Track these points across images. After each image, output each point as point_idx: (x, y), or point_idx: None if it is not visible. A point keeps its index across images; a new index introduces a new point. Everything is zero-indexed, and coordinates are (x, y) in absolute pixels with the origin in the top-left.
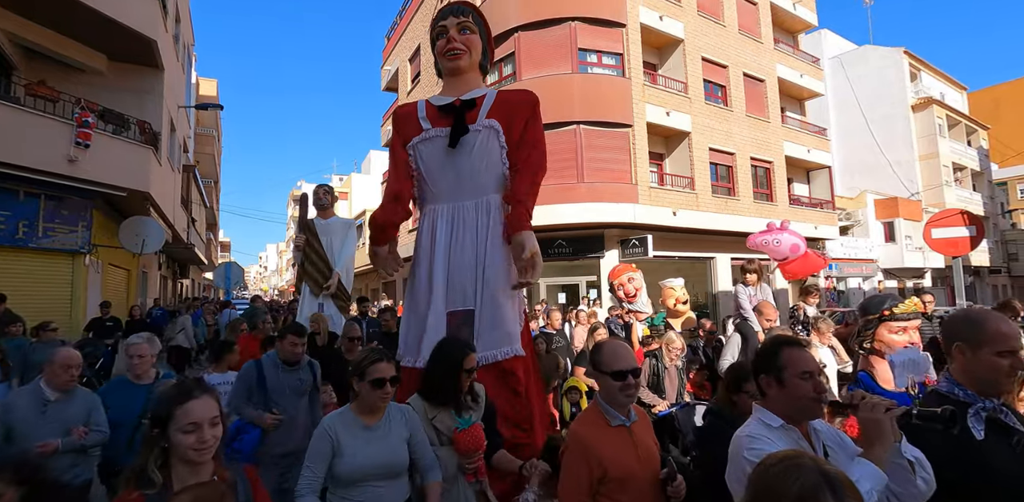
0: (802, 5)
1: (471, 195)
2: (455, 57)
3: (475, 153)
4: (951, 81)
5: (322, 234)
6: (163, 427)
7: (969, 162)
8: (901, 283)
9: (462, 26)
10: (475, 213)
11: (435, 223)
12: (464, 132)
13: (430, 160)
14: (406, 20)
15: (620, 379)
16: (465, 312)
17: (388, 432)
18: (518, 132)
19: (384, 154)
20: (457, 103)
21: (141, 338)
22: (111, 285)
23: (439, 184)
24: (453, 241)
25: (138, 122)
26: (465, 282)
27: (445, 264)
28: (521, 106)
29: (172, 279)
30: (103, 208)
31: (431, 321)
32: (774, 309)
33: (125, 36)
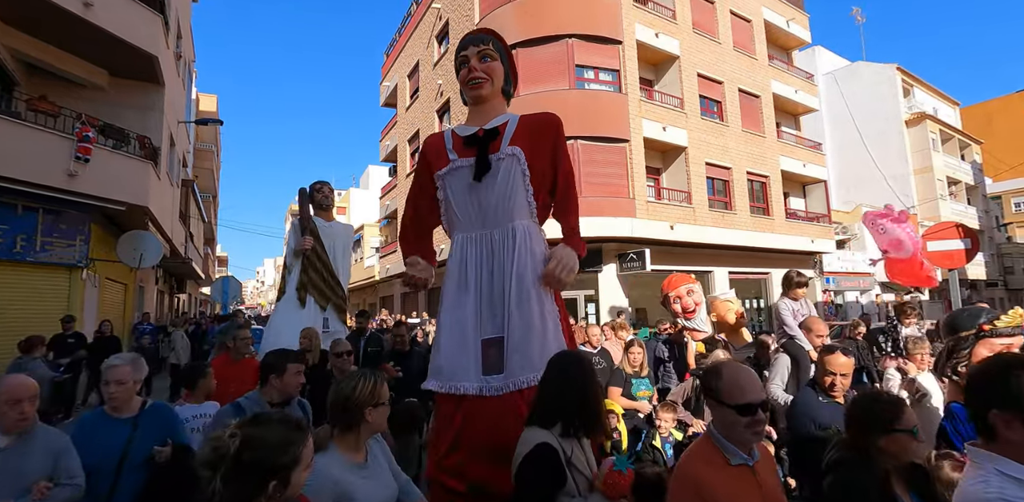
0: (795, 22)
1: (496, 223)
2: (477, 86)
3: (499, 182)
4: (943, 97)
5: (325, 237)
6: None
7: (963, 176)
8: (899, 296)
9: (483, 54)
10: (502, 241)
11: (464, 251)
12: (487, 168)
13: (456, 190)
14: (405, 36)
15: (747, 413)
16: (496, 339)
17: (377, 466)
18: (543, 157)
19: (382, 169)
20: (480, 133)
21: (122, 359)
22: (108, 300)
23: (465, 213)
24: (482, 269)
25: (138, 137)
26: (496, 309)
27: (476, 292)
28: (544, 130)
29: (169, 294)
30: (101, 222)
31: (464, 349)
32: (824, 325)
33: (127, 52)
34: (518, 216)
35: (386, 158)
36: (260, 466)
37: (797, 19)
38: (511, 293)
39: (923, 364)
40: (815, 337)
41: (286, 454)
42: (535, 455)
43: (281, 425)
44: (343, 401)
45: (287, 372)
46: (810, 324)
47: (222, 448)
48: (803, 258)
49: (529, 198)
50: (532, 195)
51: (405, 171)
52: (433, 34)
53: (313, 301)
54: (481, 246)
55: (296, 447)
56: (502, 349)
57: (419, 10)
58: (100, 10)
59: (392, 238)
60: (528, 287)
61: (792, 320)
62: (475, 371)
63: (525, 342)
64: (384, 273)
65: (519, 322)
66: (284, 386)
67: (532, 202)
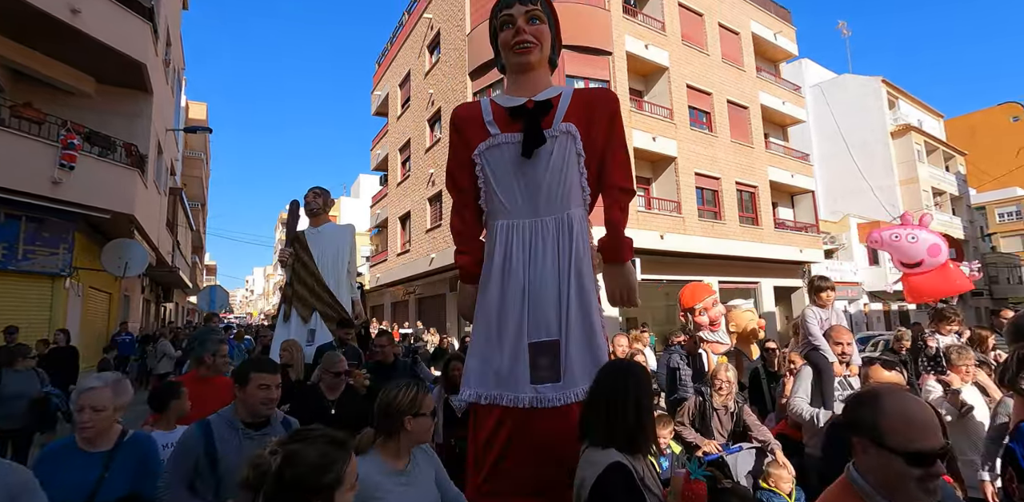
0: (783, 35)
1: (548, 210)
2: (525, 51)
3: (552, 163)
4: (928, 109)
5: (313, 246)
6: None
7: (948, 187)
8: (886, 306)
9: (531, 15)
10: (555, 232)
11: (508, 241)
12: (541, 141)
13: (499, 170)
14: (396, 46)
15: (921, 464)
16: (548, 343)
17: (419, 474)
18: (599, 138)
19: (373, 178)
20: (530, 104)
21: (102, 380)
22: (92, 309)
23: (510, 197)
24: (531, 263)
25: (125, 144)
26: (547, 310)
27: (522, 289)
28: (602, 107)
29: (155, 303)
30: (86, 230)
31: (508, 353)
32: (849, 333)
33: (115, 60)
34: (573, 203)
35: (377, 167)
36: (302, 485)
37: (784, 32)
38: (570, 291)
39: (967, 376)
40: (834, 345)
41: (329, 473)
42: (609, 478)
43: (324, 442)
44: (384, 407)
45: (250, 383)
46: (831, 332)
47: (263, 466)
48: (792, 268)
49: (583, 183)
50: (586, 180)
51: (396, 180)
52: (424, 44)
53: (295, 313)
54: (531, 236)
55: (339, 465)
56: (556, 354)
57: (410, 20)
58: (88, 17)
59: (382, 247)
60: (589, 286)
61: (817, 329)
62: (524, 379)
63: (588, 346)
64: (375, 282)
65: (579, 324)
66: (246, 398)
67: (586, 188)
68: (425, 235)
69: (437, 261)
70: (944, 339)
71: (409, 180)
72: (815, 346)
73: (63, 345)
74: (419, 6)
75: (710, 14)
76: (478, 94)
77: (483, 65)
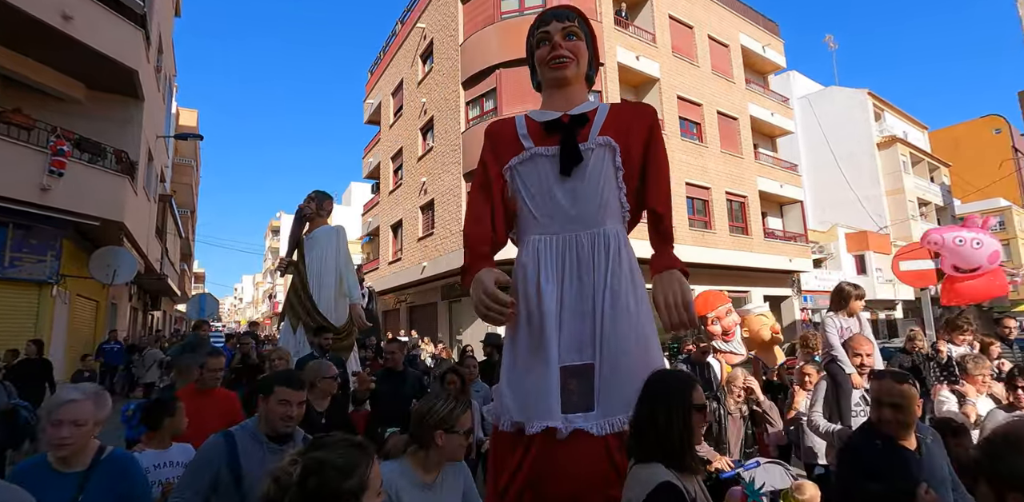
0: (771, 48)
1: (584, 225)
2: (561, 66)
3: (588, 176)
4: (913, 121)
5: (307, 252)
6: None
7: (933, 198)
8: (874, 314)
9: (567, 31)
10: (591, 248)
11: (540, 257)
12: (577, 157)
13: (533, 184)
14: (389, 55)
15: None
16: (582, 367)
17: (444, 489)
18: (636, 152)
19: (364, 186)
20: (566, 119)
21: (82, 393)
22: (78, 317)
23: (544, 211)
24: (565, 280)
25: (115, 151)
26: (582, 330)
27: (556, 307)
28: (639, 120)
29: (143, 311)
30: (74, 237)
31: (538, 378)
32: (870, 344)
33: (107, 66)
34: (610, 219)
35: (369, 175)
36: (325, 491)
37: (772, 45)
38: (603, 311)
39: (983, 386)
40: (852, 356)
41: (351, 478)
42: (659, 498)
43: (343, 446)
44: (419, 417)
45: (272, 395)
46: (850, 342)
47: (284, 479)
48: (782, 277)
49: (622, 198)
50: (625, 195)
51: (388, 188)
52: (418, 53)
53: (287, 322)
54: (564, 251)
55: (362, 469)
56: (591, 380)
57: (404, 29)
58: (80, 24)
59: (373, 255)
60: (625, 305)
61: (836, 339)
62: (555, 407)
63: (625, 371)
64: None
65: (615, 347)
66: (267, 412)
67: (625, 204)
68: (417, 244)
69: (429, 270)
70: (957, 349)
71: (401, 188)
72: (833, 357)
73: (33, 357)
74: (412, 16)
75: (700, 27)
76: (471, 104)
77: (476, 75)
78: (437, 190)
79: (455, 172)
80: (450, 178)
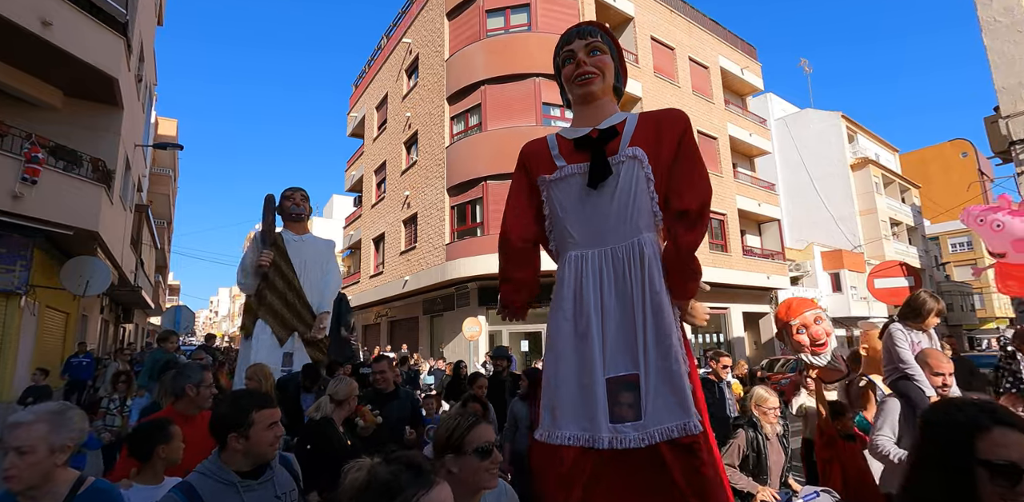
0: (749, 70)
1: (617, 238)
2: (587, 82)
3: (619, 189)
4: (884, 143)
5: (294, 254)
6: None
7: (904, 218)
8: (849, 331)
9: (591, 48)
10: (626, 260)
11: (578, 273)
12: (607, 173)
13: (567, 202)
14: (374, 69)
15: None
16: (627, 378)
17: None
18: (667, 159)
19: (347, 199)
20: (594, 134)
21: (33, 414)
22: (47, 328)
23: (579, 228)
24: (605, 293)
25: (91, 159)
26: (624, 342)
27: (598, 321)
28: (670, 126)
29: (115, 323)
30: (45, 247)
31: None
32: (948, 360)
33: (86, 73)
34: (644, 228)
35: (351, 188)
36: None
37: (751, 67)
38: (647, 320)
39: None
40: (932, 376)
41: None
42: None
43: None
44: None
45: (254, 426)
46: (926, 358)
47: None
48: (760, 293)
49: (654, 207)
50: (657, 204)
51: (371, 201)
52: (403, 68)
53: (271, 332)
54: (601, 265)
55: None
56: (636, 389)
57: (389, 44)
58: (59, 30)
59: (354, 269)
60: (666, 314)
61: (910, 354)
62: (603, 417)
63: (670, 378)
64: None
65: (659, 355)
66: (252, 446)
67: (658, 212)
68: (399, 257)
69: (411, 284)
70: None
71: (384, 202)
72: (906, 375)
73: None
74: (398, 31)
75: (681, 48)
76: (455, 119)
77: (461, 90)
78: (420, 204)
79: (439, 186)
80: (433, 192)
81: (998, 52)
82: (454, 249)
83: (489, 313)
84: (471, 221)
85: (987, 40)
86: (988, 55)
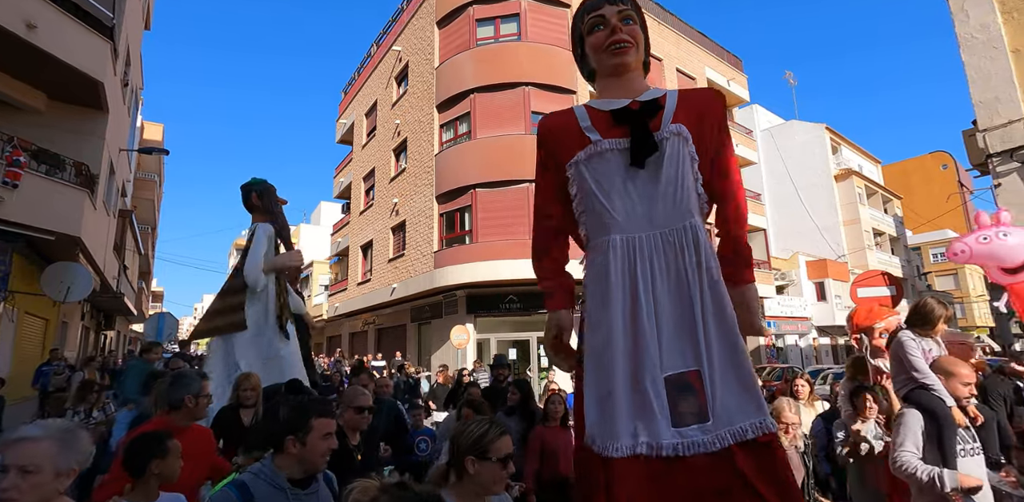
0: (735, 82)
1: (667, 221)
2: (622, 51)
3: (666, 168)
4: (867, 155)
5: None
6: None
7: (887, 228)
8: (834, 340)
9: (623, 15)
10: (678, 244)
11: (625, 259)
12: (652, 148)
13: (605, 180)
14: (364, 76)
15: None
16: (687, 375)
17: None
18: (709, 140)
19: (335, 206)
20: (635, 106)
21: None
22: (26, 335)
23: (620, 209)
24: (657, 281)
25: (75, 164)
26: (681, 334)
27: (650, 313)
28: (711, 107)
29: (95, 330)
30: (25, 252)
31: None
32: (971, 368)
33: (71, 77)
34: (693, 211)
35: (339, 194)
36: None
37: (737, 79)
38: (707, 312)
39: None
40: (959, 385)
41: None
42: None
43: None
44: (452, 442)
45: (312, 432)
46: (949, 366)
47: None
48: None
49: (699, 188)
50: (702, 186)
51: (359, 208)
52: (392, 75)
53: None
54: (652, 251)
55: None
56: (700, 387)
57: (379, 51)
58: (44, 33)
59: (342, 276)
60: (728, 304)
61: (924, 363)
62: (664, 421)
63: (739, 374)
64: (332, 312)
65: (725, 349)
66: (307, 453)
67: (703, 195)
68: (387, 265)
69: (399, 291)
70: None
71: (372, 209)
72: (923, 385)
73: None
74: (388, 38)
75: (669, 60)
76: (444, 127)
77: (450, 98)
78: (409, 211)
79: (427, 194)
80: (422, 200)
81: (975, 67)
82: (442, 257)
83: (477, 321)
84: (460, 229)
85: (965, 56)
86: (966, 70)
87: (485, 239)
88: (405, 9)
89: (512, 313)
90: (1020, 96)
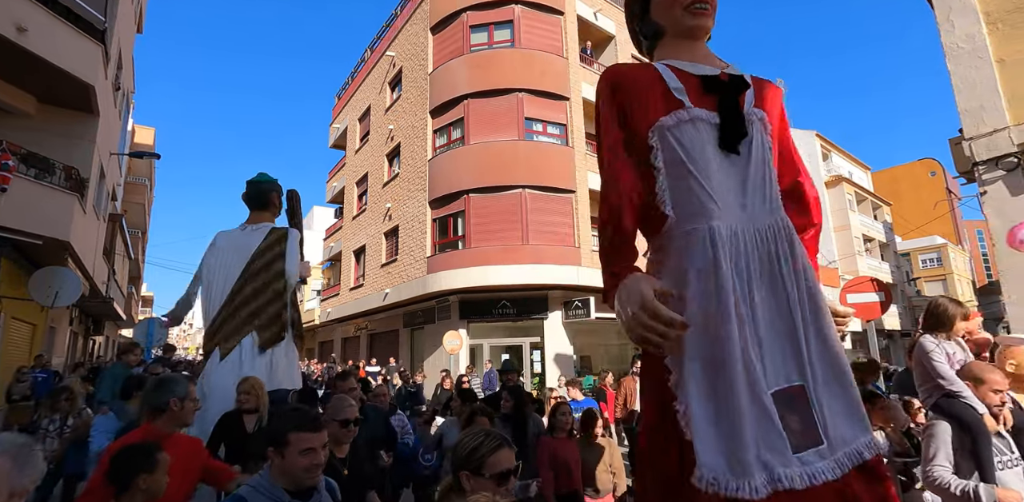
0: None
1: (761, 213)
2: (703, 13)
3: (754, 152)
4: (856, 161)
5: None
6: None
7: (876, 234)
8: None
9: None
10: (776, 241)
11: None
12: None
13: (699, 156)
14: (358, 81)
15: None
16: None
17: None
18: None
19: (327, 210)
20: (724, 77)
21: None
22: (12, 340)
23: (720, 192)
24: (755, 282)
25: (65, 167)
26: (784, 345)
27: (750, 318)
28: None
29: (84, 336)
30: (12, 256)
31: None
32: (1002, 375)
33: (61, 80)
34: (781, 205)
35: (332, 199)
36: None
37: None
38: (806, 318)
39: None
40: (989, 392)
41: None
42: None
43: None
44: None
45: (289, 446)
46: (979, 372)
47: None
48: None
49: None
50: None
51: (352, 213)
52: (386, 80)
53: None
54: (752, 247)
55: None
56: (805, 405)
57: (373, 57)
58: (35, 36)
59: (334, 281)
60: (827, 310)
61: (949, 369)
62: (786, 447)
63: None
64: (325, 317)
65: (828, 360)
66: (287, 466)
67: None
68: (380, 270)
69: (391, 296)
70: None
71: (365, 214)
72: (950, 392)
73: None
74: (382, 44)
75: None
76: (438, 132)
77: (444, 104)
78: (402, 216)
79: (420, 199)
80: (415, 205)
81: (961, 77)
82: (435, 262)
83: (470, 326)
84: (453, 234)
85: (951, 65)
86: (952, 79)
87: (478, 244)
88: (399, 15)
89: (505, 318)
90: (1005, 105)
